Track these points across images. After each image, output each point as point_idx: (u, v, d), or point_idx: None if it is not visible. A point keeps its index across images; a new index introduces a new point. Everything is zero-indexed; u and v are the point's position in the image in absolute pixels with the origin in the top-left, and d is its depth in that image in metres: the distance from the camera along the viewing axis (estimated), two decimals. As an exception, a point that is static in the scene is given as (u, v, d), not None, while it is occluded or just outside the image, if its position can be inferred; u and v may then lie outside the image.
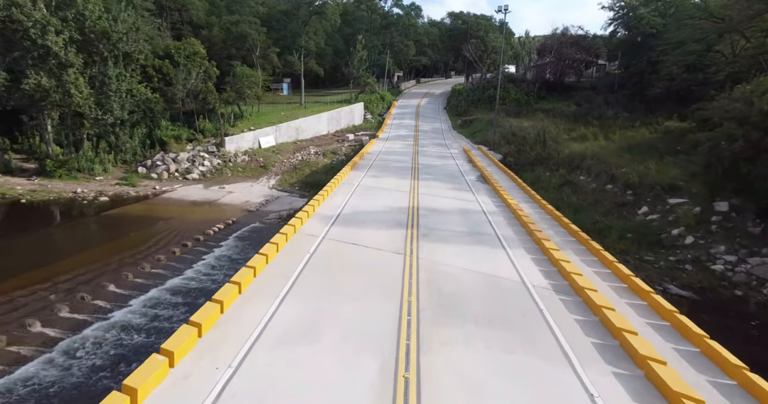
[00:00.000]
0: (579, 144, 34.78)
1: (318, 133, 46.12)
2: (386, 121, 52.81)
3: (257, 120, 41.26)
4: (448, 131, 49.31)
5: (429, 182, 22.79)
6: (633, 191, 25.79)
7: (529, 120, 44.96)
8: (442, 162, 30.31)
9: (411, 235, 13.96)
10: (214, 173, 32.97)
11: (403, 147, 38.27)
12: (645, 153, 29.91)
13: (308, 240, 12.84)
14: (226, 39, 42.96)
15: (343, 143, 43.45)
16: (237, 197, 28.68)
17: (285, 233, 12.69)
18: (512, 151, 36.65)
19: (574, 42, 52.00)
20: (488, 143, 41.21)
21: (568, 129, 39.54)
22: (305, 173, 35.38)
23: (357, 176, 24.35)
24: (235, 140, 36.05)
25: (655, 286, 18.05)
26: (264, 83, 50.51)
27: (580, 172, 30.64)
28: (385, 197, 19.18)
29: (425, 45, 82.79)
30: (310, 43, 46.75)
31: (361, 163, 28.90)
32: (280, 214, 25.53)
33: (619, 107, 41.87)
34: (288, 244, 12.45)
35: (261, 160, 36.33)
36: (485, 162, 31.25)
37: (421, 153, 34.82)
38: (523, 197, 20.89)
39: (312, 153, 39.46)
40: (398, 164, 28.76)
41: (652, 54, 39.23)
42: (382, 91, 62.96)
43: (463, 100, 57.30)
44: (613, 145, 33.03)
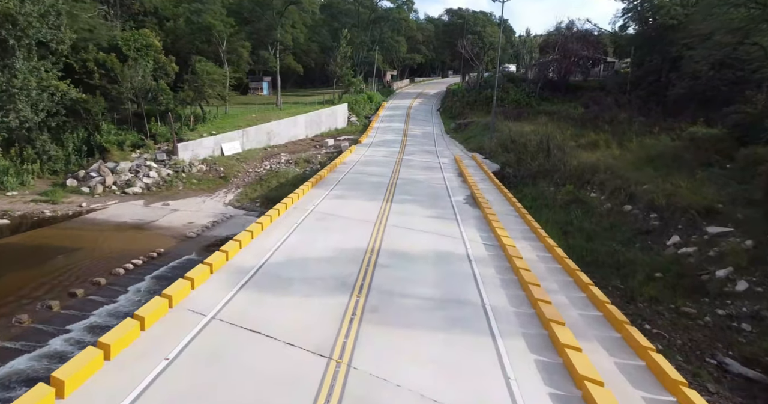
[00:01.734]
0: (589, 153, 29.95)
1: (294, 137, 41.28)
2: (372, 124, 47.96)
3: (222, 123, 36.42)
4: (440, 136, 44.46)
5: (405, 206, 17.96)
6: (659, 215, 20.97)
7: (530, 124, 40.12)
8: (426, 176, 25.47)
9: (354, 308, 9.14)
10: (161, 185, 28.11)
11: (386, 155, 33.43)
12: (669, 166, 25.07)
13: (181, 326, 8.02)
14: (192, 32, 38.18)
15: (320, 150, 38.61)
16: (180, 217, 23.83)
17: (146, 313, 7.86)
18: (511, 160, 31.81)
19: (581, 37, 47.18)
20: (484, 150, 36.37)
21: (575, 135, 34.72)
22: (271, 185, 30.54)
23: (317, 196, 19.50)
24: (191, 146, 31.20)
25: (705, 359, 13.28)
26: (236, 81, 45.77)
27: (591, 188, 25.82)
28: (340, 231, 14.35)
29: (419, 42, 78.00)
30: (286, 37, 41.94)
31: (329, 177, 24.06)
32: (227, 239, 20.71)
33: (632, 110, 37.02)
34: (142, 337, 7.63)
35: (221, 170, 31.48)
36: (478, 176, 26.42)
37: (405, 163, 29.98)
38: (522, 230, 16.04)
39: (283, 161, 34.61)
40: (374, 179, 23.91)
41: (672, 49, 34.41)
42: (370, 91, 58.11)
43: (458, 101, 52.44)
44: (629, 155, 28.21)
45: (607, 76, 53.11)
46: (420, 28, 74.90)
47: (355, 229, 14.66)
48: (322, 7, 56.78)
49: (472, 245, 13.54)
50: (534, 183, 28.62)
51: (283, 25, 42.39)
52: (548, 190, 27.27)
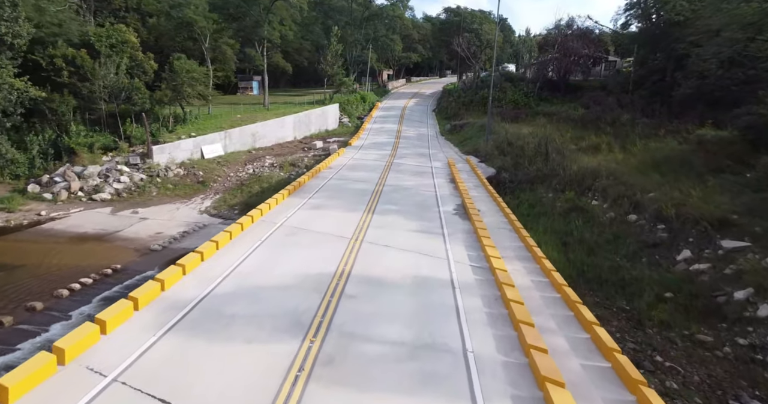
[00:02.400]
0: (590, 157, 28.18)
1: (281, 139, 39.45)
2: (364, 125, 46.14)
3: (203, 124, 34.58)
4: (434, 138, 42.65)
5: (387, 218, 16.14)
6: (667, 226, 19.19)
7: (528, 126, 38.35)
8: (416, 182, 23.65)
9: (303, 360, 7.32)
10: (133, 191, 26.26)
11: (376, 159, 31.62)
12: (677, 171, 23.27)
13: (68, 393, 6.20)
14: (173, 28, 36.35)
15: (308, 153, 36.78)
16: (149, 226, 22.00)
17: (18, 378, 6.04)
18: (507, 164, 30.01)
19: (581, 35, 45.39)
20: (479, 153, 34.58)
21: (575, 137, 32.94)
22: (253, 190, 28.70)
23: (292, 205, 17.68)
24: (168, 149, 29.35)
25: (728, 401, 11.47)
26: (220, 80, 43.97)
27: (592, 195, 24.02)
28: (309, 249, 12.54)
29: (415, 41, 76.19)
30: (273, 35, 40.10)
31: (310, 184, 22.22)
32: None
33: (635, 111, 35.24)
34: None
35: (200, 174, 29.64)
36: (471, 182, 24.62)
37: (394, 168, 28.15)
38: (515, 247, 14.22)
39: (267, 165, 32.77)
40: (358, 185, 22.08)
41: (678, 47, 32.63)
42: (364, 91, 56.28)
43: (454, 101, 50.62)
44: (633, 159, 26.44)
45: (609, 75, 51.35)
46: (416, 26, 73.10)
47: (327, 247, 12.84)
48: (314, 4, 54.99)
49: (458, 267, 11.73)
50: (532, 189, 26.83)
51: (271, 21, 40.55)
52: (546, 196, 25.49)
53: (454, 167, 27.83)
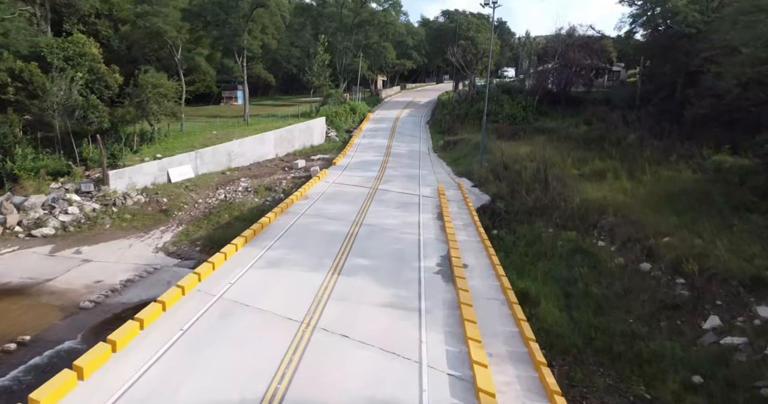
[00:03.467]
0: (594, 186, 25.36)
1: (261, 157, 36.60)
2: (353, 140, 43.33)
3: (173, 144, 31.72)
4: (426, 156, 39.83)
5: (355, 281, 13.31)
6: (689, 283, 16.38)
7: (526, 144, 35.55)
8: (399, 219, 20.79)
9: None
10: (83, 224, 23.37)
11: (360, 183, 28.80)
12: (694, 209, 20.47)
13: None
14: (142, 37, 33.57)
15: (288, 173, 33.92)
16: (89, 272, 19.09)
17: None
18: (503, 191, 27.19)
19: (583, 45, 42.69)
20: (473, 175, 31.76)
21: (578, 159, 30.17)
22: (222, 220, 25.87)
23: (242, 262, 14.72)
24: (128, 173, 26.48)
25: None
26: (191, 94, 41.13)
27: (598, 233, 21.20)
28: (237, 350, 9.60)
29: (410, 47, 73.47)
30: (253, 45, 37.30)
31: (275, 224, 19.26)
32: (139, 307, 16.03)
33: (643, 129, 32.52)
34: None
35: (164, 201, 26.78)
36: (461, 218, 21.80)
37: (378, 196, 25.31)
38: (509, 339, 11.26)
39: (240, 189, 29.90)
40: (331, 226, 19.20)
41: (689, 61, 29.94)
42: (354, 101, 53.50)
43: (448, 114, 47.81)
44: (643, 190, 23.61)
45: (613, 86, 48.74)
46: (411, 32, 70.33)
47: (265, 342, 9.96)
48: (301, 10, 52.29)
49: (432, 380, 8.87)
50: (530, 221, 24.00)
51: (251, 30, 37.75)
52: (546, 232, 22.66)
53: (443, 197, 24.99)
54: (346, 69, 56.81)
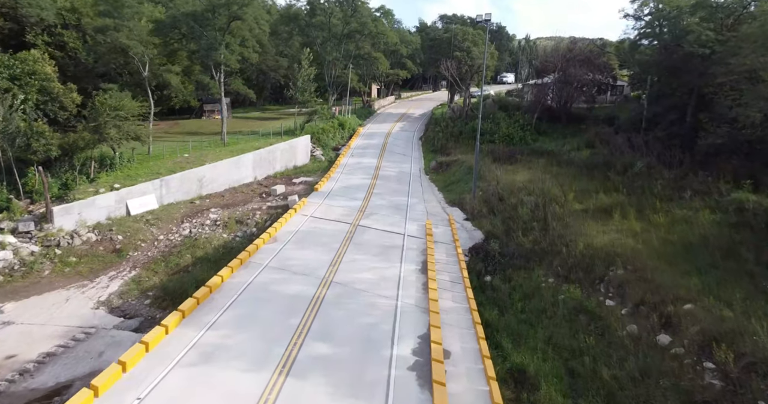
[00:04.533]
0: (599, 226, 22.61)
1: (237, 181, 33.79)
2: (339, 160, 40.57)
3: (137, 170, 28.89)
4: (417, 178, 37.08)
5: (303, 390, 10.48)
6: (721, 370, 13.62)
7: (524, 170, 32.83)
8: (377, 274, 17.96)
9: None
10: (16, 271, 20.49)
11: (340, 216, 26.02)
12: (718, 266, 17.69)
13: None
14: (105, 53, 30.81)
15: (265, 201, 31.10)
16: (3, 341, 16.15)
17: None
18: (498, 229, 24.44)
19: (585, 60, 40.11)
20: (465, 206, 29.00)
21: (580, 191, 27.43)
22: (182, 262, 23.04)
23: (160, 362, 11.65)
24: (78, 208, 23.63)
25: None
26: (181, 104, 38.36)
27: (605, 289, 18.44)
28: None
29: (404, 56, 70.94)
30: (231, 59, 34.58)
31: (224, 289, 16.23)
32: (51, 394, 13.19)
33: (651, 156, 29.85)
34: None
35: (119, 239, 23.93)
36: (449, 272, 19.02)
37: (357, 237, 22.48)
38: None
39: (209, 222, 27.05)
40: (293, 287, 16.30)
41: (703, 83, 27.32)
42: (342, 115, 50.78)
43: (441, 132, 45.06)
44: (655, 233, 20.83)
45: (617, 101, 46.10)
46: (404, 41, 67.74)
47: None
48: (287, 19, 49.64)
49: None
50: (527, 267, 21.28)
51: (229, 44, 35.03)
52: (546, 282, 19.95)
53: (430, 238, 22.20)
54: (336, 81, 54.11)
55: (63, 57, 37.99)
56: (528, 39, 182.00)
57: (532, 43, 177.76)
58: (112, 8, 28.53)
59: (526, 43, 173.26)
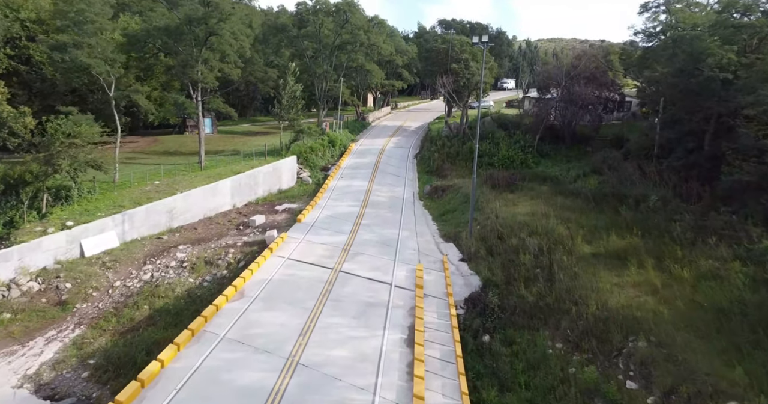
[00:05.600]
0: (613, 277, 19.84)
1: (214, 210, 30.98)
2: (328, 182, 37.79)
3: (98, 202, 26.05)
4: (410, 205, 34.29)
5: None
6: None
7: (525, 199, 30.07)
8: (353, 350, 15.09)
9: None
10: (-63, 335, 17.61)
11: (321, 257, 23.21)
12: (764, 342, 14.91)
13: None
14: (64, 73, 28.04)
15: (241, 235, 28.28)
16: None
17: None
18: (497, 277, 21.62)
19: (590, 77, 37.51)
20: (461, 243, 26.19)
21: (589, 229, 24.67)
22: (139, 315, 20.19)
23: None
24: (17, 253, 20.74)
25: None
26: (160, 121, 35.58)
27: (625, 366, 15.60)
28: None
29: (399, 66, 68.41)
30: (208, 77, 31.86)
31: (167, 375, 13.40)
32: None
33: (666, 187, 27.16)
34: None
35: (66, 288, 21.06)
36: (440, 344, 16.18)
37: (336, 292, 19.64)
38: None
39: (174, 264, 24.18)
40: (250, 375, 13.44)
41: (723, 110, 24.66)
42: (333, 131, 48.06)
43: (437, 151, 42.32)
44: (680, 292, 18.07)
45: (624, 118, 43.46)
46: (400, 50, 65.22)
47: None
48: (275, 30, 47.03)
49: None
50: (531, 327, 18.52)
51: (207, 60, 32.31)
52: (554, 349, 17.19)
53: (420, 294, 19.37)
54: (327, 95, 51.43)
55: (28, 72, 35.32)
56: (529, 43, 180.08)
57: (534, 47, 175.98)
58: (72, 23, 25.79)
59: (527, 48, 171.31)
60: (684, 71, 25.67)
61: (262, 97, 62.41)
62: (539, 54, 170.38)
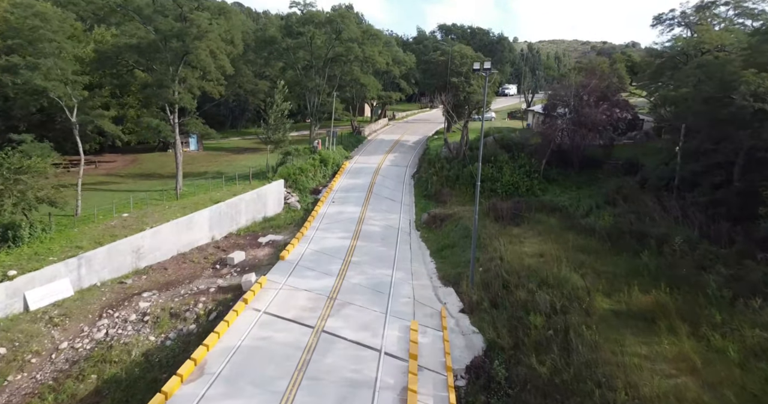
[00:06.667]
0: (640, 345, 16.90)
1: (189, 245, 28.07)
2: (318, 208, 34.90)
3: (51, 243, 23.06)
4: (405, 236, 31.39)
5: None
6: None
7: (533, 237, 27.13)
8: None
9: None
10: None
11: (302, 311, 20.32)
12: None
13: None
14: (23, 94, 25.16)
15: (217, 275, 25.35)
16: None
17: None
18: (504, 338, 18.65)
19: (601, 97, 34.71)
20: (461, 289, 23.26)
21: (606, 275, 21.76)
22: (82, 390, 17.25)
23: None
24: (-53, 314, 17.82)
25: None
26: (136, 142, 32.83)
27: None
28: None
29: (397, 77, 65.73)
30: (185, 98, 29.01)
31: None
32: None
33: (690, 225, 24.28)
34: None
35: (2, 353, 18.08)
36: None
37: (315, 362, 16.69)
38: None
39: (134, 318, 21.18)
40: None
41: (756, 141, 21.84)
42: (326, 150, 45.21)
43: (435, 174, 39.40)
44: (725, 374, 15.19)
45: (637, 138, 40.62)
46: (397, 61, 62.50)
47: None
48: (264, 43, 44.31)
49: None
50: (545, 409, 15.53)
51: (185, 78, 29.49)
52: (574, 444, 14.16)
53: (413, 370, 16.41)
54: (319, 110, 48.63)
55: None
56: (531, 47, 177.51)
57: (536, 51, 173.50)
58: (26, 42, 22.95)
59: (528, 52, 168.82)
60: (711, 99, 22.86)
61: (254, 108, 59.68)
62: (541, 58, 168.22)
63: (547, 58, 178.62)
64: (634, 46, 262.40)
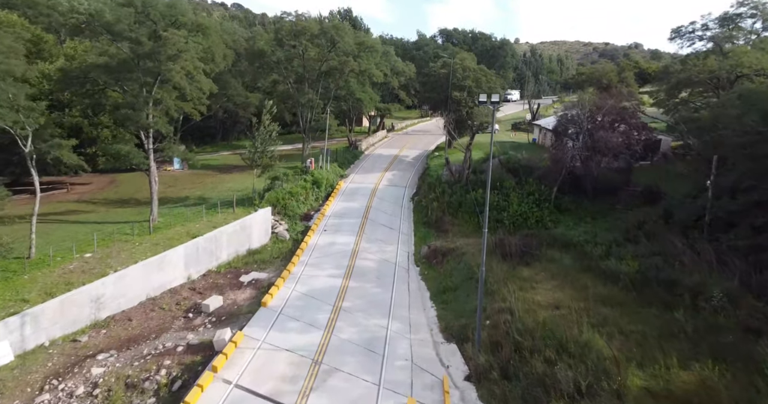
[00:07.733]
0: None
1: (161, 288, 24.99)
2: (308, 238, 31.88)
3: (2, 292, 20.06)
4: (403, 274, 28.36)
5: None
6: None
7: (546, 281, 24.06)
8: None
9: None
10: None
11: (279, 386, 17.28)
12: None
13: None
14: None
15: (189, 327, 22.25)
16: None
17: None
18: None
19: (617, 118, 31.71)
20: (467, 352, 20.19)
21: (635, 337, 18.74)
22: None
23: None
24: None
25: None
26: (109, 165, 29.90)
27: None
28: None
29: (396, 88, 62.87)
30: (160, 123, 26.08)
31: None
32: None
33: (727, 274, 21.25)
34: None
35: None
36: None
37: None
38: None
39: (82, 390, 18.08)
40: None
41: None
42: (319, 170, 42.19)
43: (435, 200, 36.31)
44: None
45: (654, 160, 37.60)
46: (396, 72, 59.64)
47: None
48: (253, 56, 41.47)
49: None
50: None
51: (162, 100, 26.56)
52: None
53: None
54: (313, 126, 45.68)
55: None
56: (533, 51, 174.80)
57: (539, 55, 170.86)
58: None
59: (531, 56, 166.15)
60: (753, 131, 19.89)
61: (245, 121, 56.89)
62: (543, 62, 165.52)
63: (550, 61, 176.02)
64: (636, 47, 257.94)
